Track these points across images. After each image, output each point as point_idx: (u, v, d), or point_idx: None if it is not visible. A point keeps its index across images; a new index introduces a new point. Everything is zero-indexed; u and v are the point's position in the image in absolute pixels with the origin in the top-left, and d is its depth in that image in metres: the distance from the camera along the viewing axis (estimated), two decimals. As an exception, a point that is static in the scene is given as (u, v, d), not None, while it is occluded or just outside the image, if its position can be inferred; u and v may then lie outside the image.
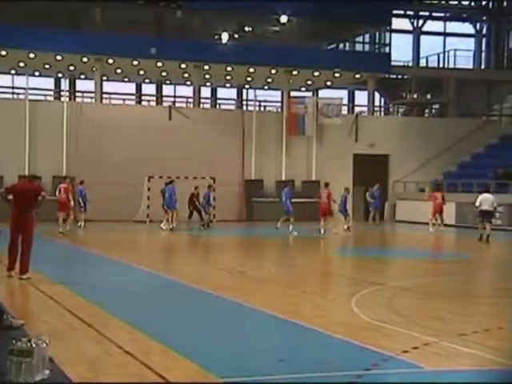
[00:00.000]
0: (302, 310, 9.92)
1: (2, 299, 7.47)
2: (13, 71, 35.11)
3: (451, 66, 39.42)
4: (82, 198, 25.54)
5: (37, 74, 35.09)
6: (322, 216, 23.75)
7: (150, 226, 27.40)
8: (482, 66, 40.82)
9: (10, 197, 12.62)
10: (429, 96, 41.83)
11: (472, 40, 41.21)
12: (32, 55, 31.22)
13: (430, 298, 11.31)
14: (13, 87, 36.19)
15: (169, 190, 25.26)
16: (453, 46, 40.02)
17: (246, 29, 35.23)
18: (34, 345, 5.99)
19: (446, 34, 41.07)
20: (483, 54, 40.89)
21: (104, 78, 33.90)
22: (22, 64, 32.94)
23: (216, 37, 33.56)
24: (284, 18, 33.21)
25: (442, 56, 39.72)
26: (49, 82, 37.60)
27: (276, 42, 35.10)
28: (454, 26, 41.29)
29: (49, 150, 29.86)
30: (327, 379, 6.34)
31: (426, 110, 42.02)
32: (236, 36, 34.19)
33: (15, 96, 34.83)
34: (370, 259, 17.95)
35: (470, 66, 40.25)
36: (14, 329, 7.42)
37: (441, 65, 39.69)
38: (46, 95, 35.73)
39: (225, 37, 33.16)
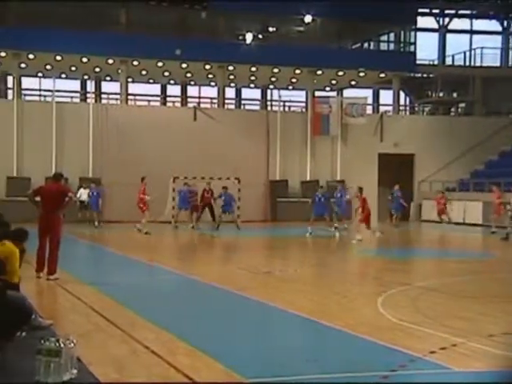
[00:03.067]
0: (329, 310, 9.89)
1: (30, 300, 7.55)
2: (40, 74, 35.47)
3: (477, 64, 39.00)
4: (96, 198, 26.33)
5: (63, 76, 35.44)
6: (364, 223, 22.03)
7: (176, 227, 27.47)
8: (510, 64, 40.31)
9: (38, 199, 12.76)
10: (455, 95, 41.44)
11: (499, 37, 40.73)
12: (58, 58, 31.53)
13: (457, 298, 11.21)
14: (40, 90, 36.55)
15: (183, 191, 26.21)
16: (479, 43, 39.63)
17: (270, 29, 35.19)
18: (62, 345, 6.05)
19: (472, 32, 40.65)
20: (510, 52, 40.39)
21: (129, 79, 34.11)
22: (48, 67, 33.28)
23: (240, 37, 33.58)
24: (308, 18, 33.12)
25: (468, 54, 39.32)
26: (75, 84, 37.94)
27: (300, 42, 35.01)
28: (480, 24, 40.85)
29: (75, 151, 30.12)
30: (353, 379, 6.32)
31: (452, 109, 41.61)
32: (260, 36, 34.18)
33: (42, 98, 35.18)
34: (395, 259, 17.82)
35: (497, 64, 39.78)
36: (43, 329, 7.49)
37: (467, 63, 39.29)
38: (72, 97, 36.05)
39: (249, 37, 33.17)
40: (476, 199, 30.06)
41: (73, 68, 33.83)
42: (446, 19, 40.12)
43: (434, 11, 40.02)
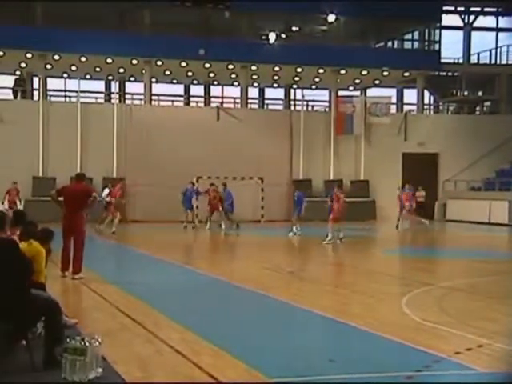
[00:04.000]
0: (352, 309, 9.86)
1: (56, 299, 7.62)
2: (65, 75, 35.81)
3: (503, 62, 38.58)
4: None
5: (88, 77, 35.75)
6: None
7: (198, 227, 27.55)
8: (535, 62, 39.82)
9: (61, 199, 12.85)
10: (480, 93, 41.03)
11: (525, 35, 40.25)
12: (83, 59, 31.81)
13: (482, 298, 11.11)
14: (65, 90, 36.89)
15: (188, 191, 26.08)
16: (505, 41, 39.15)
17: (294, 28, 35.13)
18: (87, 343, 6.11)
19: (498, 30, 40.23)
20: (536, 50, 39.88)
21: (153, 79, 34.28)
22: (73, 68, 33.59)
23: (263, 37, 33.58)
24: (331, 17, 33.02)
25: (493, 52, 38.91)
26: (99, 85, 38.23)
27: (323, 42, 34.91)
28: (506, 21, 40.37)
29: (99, 151, 30.33)
30: (377, 379, 6.30)
31: (477, 108, 41.22)
32: (283, 36, 34.14)
33: (67, 99, 35.51)
34: (418, 259, 17.71)
35: (523, 62, 39.31)
36: (68, 328, 7.56)
37: (492, 61, 38.88)
38: (96, 98, 36.33)
39: (272, 37, 33.16)
40: (502, 198, 29.75)
41: (97, 69, 34.11)
42: (472, 17, 39.74)
43: (459, 9, 39.66)
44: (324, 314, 9.37)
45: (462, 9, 39.66)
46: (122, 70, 34.65)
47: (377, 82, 36.93)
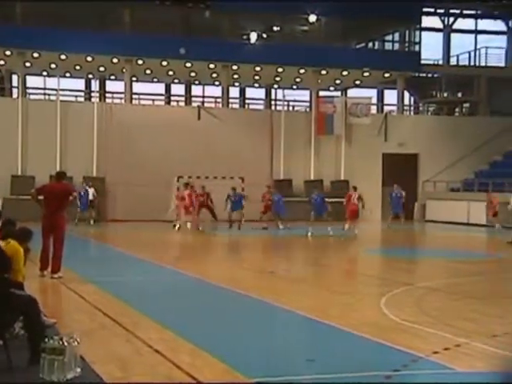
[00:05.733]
0: (332, 310, 9.89)
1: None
2: (44, 73, 35.54)
3: (482, 64, 38.93)
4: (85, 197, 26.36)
5: (68, 75, 35.50)
6: (351, 218, 23.92)
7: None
8: (514, 64, 40.22)
9: (41, 197, 12.75)
10: (459, 95, 41.37)
11: (504, 37, 40.63)
12: (63, 57, 31.58)
13: (461, 298, 11.20)
14: (45, 88, 36.63)
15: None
16: (484, 43, 39.54)
17: (275, 28, 35.17)
18: (65, 343, 6.07)
19: (477, 32, 40.58)
20: (515, 52, 40.28)
21: (133, 78, 34.14)
22: (53, 65, 33.33)
23: (244, 37, 33.58)
24: (313, 18, 33.09)
25: (472, 54, 39.26)
26: (79, 83, 38.01)
27: (304, 42, 35.01)
28: (485, 24, 40.76)
29: (79, 150, 30.13)
30: (356, 379, 6.32)
31: (457, 109, 41.55)
32: (264, 36, 34.16)
33: (47, 97, 35.25)
34: (398, 259, 17.81)
35: (502, 64, 39.69)
36: (47, 327, 7.51)
37: (472, 63, 39.22)
38: (76, 96, 36.11)
39: (253, 37, 33.17)
40: (480, 199, 30.02)
41: (77, 67, 33.89)
42: (451, 19, 40.08)
43: (439, 11, 39.98)
44: (304, 313, 9.39)
45: (442, 11, 39.99)
46: (102, 69, 34.46)
47: (357, 82, 37.09)
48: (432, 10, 39.62)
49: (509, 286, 13.18)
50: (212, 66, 33.52)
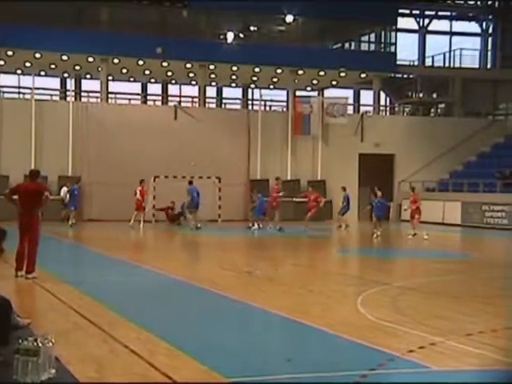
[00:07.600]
0: (308, 309, 9.91)
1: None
2: (19, 71, 35.20)
3: (457, 65, 39.31)
4: (73, 196, 25.95)
5: (43, 73, 35.17)
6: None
7: (156, 226, 27.41)
8: (488, 66, 40.69)
9: (15, 197, 12.63)
10: (434, 95, 41.75)
11: (478, 39, 41.09)
12: (38, 55, 31.30)
13: (436, 297, 11.29)
14: (19, 87, 36.26)
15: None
16: (459, 45, 39.94)
17: (252, 28, 35.21)
18: (40, 344, 6.00)
19: (451, 33, 40.97)
20: (489, 54, 40.76)
21: (109, 77, 33.95)
22: (28, 64, 33.03)
23: (221, 36, 33.57)
24: (289, 18, 33.18)
25: (447, 55, 39.63)
26: (55, 82, 37.67)
27: (281, 42, 35.08)
28: (459, 25, 41.18)
29: (54, 149, 29.88)
30: (332, 379, 6.34)
31: (432, 110, 41.92)
32: (241, 35, 34.19)
33: (21, 96, 34.90)
34: (374, 258, 17.93)
35: (476, 66, 40.13)
36: (21, 328, 7.43)
37: (447, 64, 39.58)
38: (52, 95, 35.79)
39: (230, 36, 33.16)
40: (455, 199, 30.33)
41: (52, 66, 33.61)
42: (426, 20, 40.43)
43: (414, 12, 40.31)
44: (281, 313, 9.40)
45: (417, 12, 40.32)
46: (77, 68, 34.23)
47: (334, 82, 37.25)
48: (407, 11, 39.96)
49: (483, 286, 13.32)
50: (189, 65, 33.44)
